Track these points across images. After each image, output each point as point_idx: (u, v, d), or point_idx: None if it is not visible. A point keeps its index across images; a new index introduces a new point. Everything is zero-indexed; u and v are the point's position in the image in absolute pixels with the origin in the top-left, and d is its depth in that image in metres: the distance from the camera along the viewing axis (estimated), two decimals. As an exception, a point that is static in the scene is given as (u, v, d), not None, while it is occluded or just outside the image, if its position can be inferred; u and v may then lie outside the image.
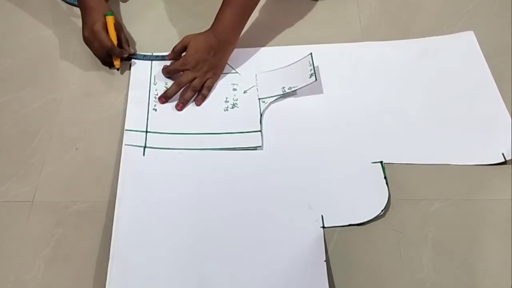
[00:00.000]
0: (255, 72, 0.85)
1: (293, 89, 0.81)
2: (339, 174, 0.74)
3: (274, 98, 0.82)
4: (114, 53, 0.83)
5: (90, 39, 0.83)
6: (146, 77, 0.85)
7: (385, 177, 0.72)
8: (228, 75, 0.85)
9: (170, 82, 0.84)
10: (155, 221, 0.70)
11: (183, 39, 0.83)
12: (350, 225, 0.69)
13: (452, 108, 0.80)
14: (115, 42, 0.84)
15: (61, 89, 0.86)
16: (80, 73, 0.88)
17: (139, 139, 0.77)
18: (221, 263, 0.67)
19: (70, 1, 0.97)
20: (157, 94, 0.83)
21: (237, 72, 0.85)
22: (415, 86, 0.83)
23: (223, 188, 0.73)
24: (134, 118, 0.80)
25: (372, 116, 0.80)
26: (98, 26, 0.82)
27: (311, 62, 0.81)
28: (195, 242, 0.68)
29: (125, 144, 0.76)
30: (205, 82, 0.82)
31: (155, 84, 0.84)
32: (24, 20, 0.97)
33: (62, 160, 0.78)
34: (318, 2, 0.96)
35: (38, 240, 0.70)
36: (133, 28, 0.91)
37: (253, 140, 0.77)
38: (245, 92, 0.83)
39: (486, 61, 0.84)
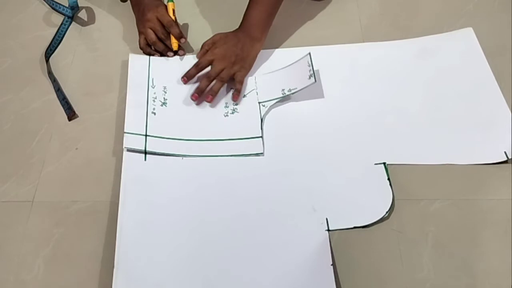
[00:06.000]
0: (254, 75, 0.85)
1: (293, 91, 0.80)
2: (343, 177, 0.74)
3: (274, 101, 0.81)
4: (174, 31, 0.85)
5: (152, 18, 0.85)
6: (144, 80, 0.84)
7: (388, 179, 0.72)
8: None
9: (168, 86, 0.83)
10: (159, 227, 0.70)
11: (213, 36, 0.84)
12: (355, 227, 0.69)
13: (453, 107, 0.80)
14: None
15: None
16: (80, 73, 0.88)
17: (139, 142, 0.76)
18: (225, 268, 0.66)
19: (60, 10, 0.96)
20: (155, 98, 0.82)
21: None
22: (415, 86, 0.83)
23: (226, 193, 0.73)
24: (133, 121, 0.78)
25: (373, 117, 0.79)
26: (162, 7, 0.86)
27: (309, 62, 0.80)
28: (198, 248, 0.68)
29: (125, 147, 0.76)
30: (233, 75, 0.82)
31: (153, 87, 0.83)
32: (24, 20, 0.97)
33: (62, 160, 0.78)
34: (318, 2, 0.96)
35: (38, 240, 0.70)
36: (133, 30, 0.91)
37: (255, 146, 0.77)
38: (244, 96, 0.83)
39: (487, 60, 0.84)
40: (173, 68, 0.85)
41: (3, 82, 0.88)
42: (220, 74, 0.81)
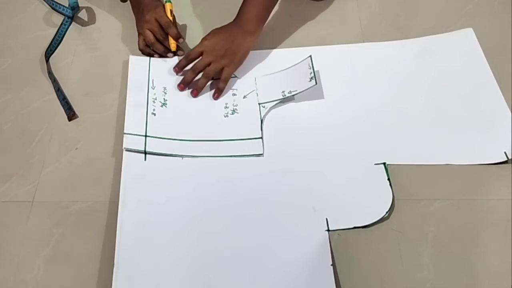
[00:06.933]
0: (254, 76, 0.85)
1: (293, 93, 0.80)
2: (343, 177, 0.74)
3: (275, 103, 0.81)
4: (171, 31, 0.84)
5: (151, 19, 0.84)
6: (144, 81, 0.84)
7: (388, 179, 0.72)
8: None
9: (168, 87, 0.83)
10: (159, 227, 0.70)
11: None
12: (355, 227, 0.69)
13: (453, 107, 0.80)
14: None
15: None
16: (80, 73, 0.88)
17: (139, 143, 0.76)
18: (225, 268, 0.66)
19: (60, 10, 0.96)
20: (155, 99, 0.82)
21: (235, 76, 0.85)
22: (415, 86, 0.83)
23: (226, 193, 0.73)
24: (132, 121, 0.78)
25: (373, 117, 0.79)
26: (161, 8, 0.85)
27: (310, 65, 0.80)
28: (198, 248, 0.68)
29: (125, 147, 0.75)
30: (221, 69, 0.81)
31: (153, 88, 0.83)
32: (24, 20, 0.97)
33: (62, 160, 0.78)
34: (318, 2, 0.96)
35: (38, 240, 0.70)
36: (133, 30, 0.91)
37: (255, 147, 0.77)
38: (244, 97, 0.82)
39: (487, 60, 0.84)
40: (173, 69, 0.85)
41: (3, 82, 0.88)
42: (206, 68, 0.81)
